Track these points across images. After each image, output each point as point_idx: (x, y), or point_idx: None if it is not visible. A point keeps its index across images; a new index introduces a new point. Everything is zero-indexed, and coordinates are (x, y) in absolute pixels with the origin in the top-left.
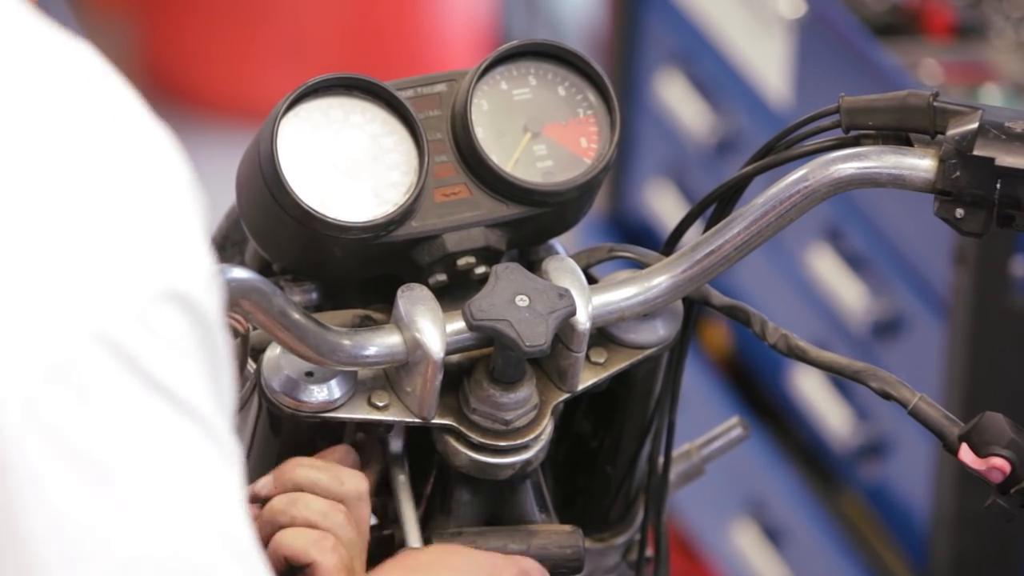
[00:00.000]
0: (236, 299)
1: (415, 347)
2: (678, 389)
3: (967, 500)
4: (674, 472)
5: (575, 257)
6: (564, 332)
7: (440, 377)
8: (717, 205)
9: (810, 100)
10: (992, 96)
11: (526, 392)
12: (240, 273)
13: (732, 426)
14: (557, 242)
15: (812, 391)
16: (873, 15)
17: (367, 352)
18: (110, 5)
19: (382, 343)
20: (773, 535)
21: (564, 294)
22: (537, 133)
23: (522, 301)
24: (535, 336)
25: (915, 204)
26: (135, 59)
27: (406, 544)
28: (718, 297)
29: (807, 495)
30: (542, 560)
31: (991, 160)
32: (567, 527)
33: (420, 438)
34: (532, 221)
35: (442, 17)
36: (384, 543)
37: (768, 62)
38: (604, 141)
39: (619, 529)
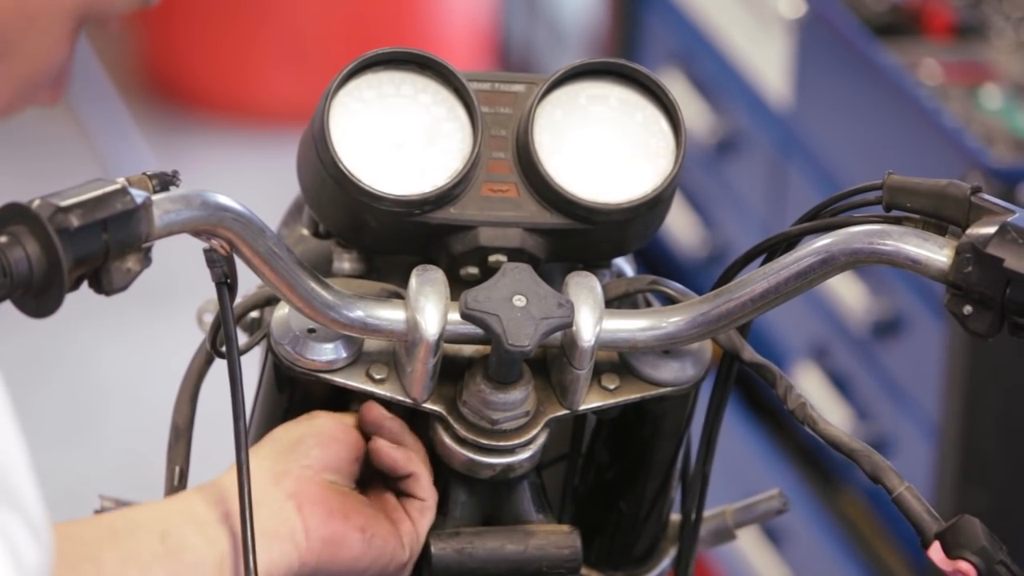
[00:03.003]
0: (214, 224)
1: (415, 327)
2: (714, 442)
3: (967, 500)
4: (706, 529)
5: (615, 283)
6: (568, 347)
7: (434, 361)
8: (766, 256)
9: (810, 100)
10: (992, 96)
11: (519, 396)
12: (226, 201)
13: (771, 497)
14: (624, 262)
15: (812, 391)
16: (873, 15)
17: (353, 314)
18: None
19: (379, 314)
20: (773, 535)
21: (564, 305)
22: (603, 151)
23: (519, 301)
24: (520, 336)
25: None
26: (135, 59)
27: None
28: (749, 353)
29: (807, 495)
30: (540, 560)
31: (1000, 261)
32: (565, 527)
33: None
34: (578, 236)
35: (442, 18)
36: None
37: (768, 62)
38: (661, 174)
39: (644, 568)
